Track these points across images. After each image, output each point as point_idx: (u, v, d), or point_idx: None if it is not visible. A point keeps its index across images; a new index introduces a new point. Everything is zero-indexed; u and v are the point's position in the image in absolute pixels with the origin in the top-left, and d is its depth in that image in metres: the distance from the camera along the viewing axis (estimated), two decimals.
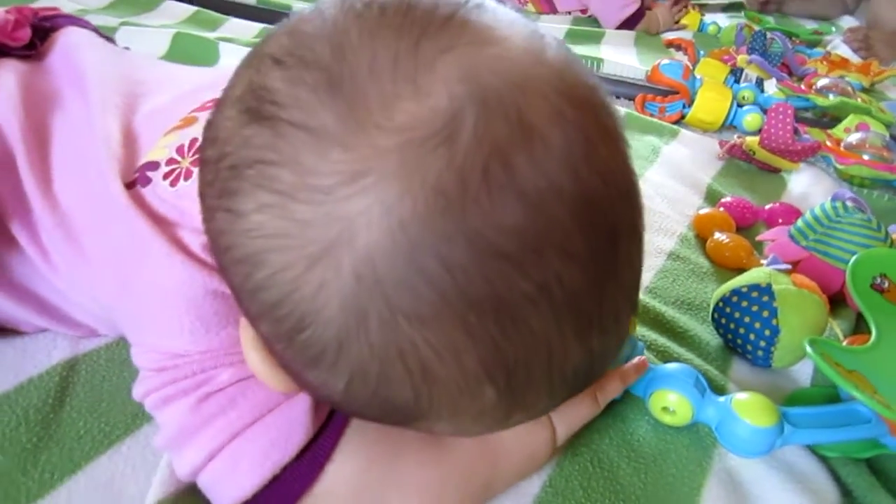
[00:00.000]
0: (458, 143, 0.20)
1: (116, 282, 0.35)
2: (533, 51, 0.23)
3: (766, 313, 0.46)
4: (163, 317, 0.32)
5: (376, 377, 0.23)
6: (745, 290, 0.47)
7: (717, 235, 0.63)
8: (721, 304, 0.49)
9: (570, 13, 1.50)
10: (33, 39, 0.45)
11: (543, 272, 0.22)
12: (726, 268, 0.60)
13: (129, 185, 0.35)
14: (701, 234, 0.65)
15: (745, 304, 0.47)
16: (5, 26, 0.44)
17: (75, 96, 0.41)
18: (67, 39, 0.46)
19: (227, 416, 0.31)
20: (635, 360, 0.41)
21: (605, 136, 0.24)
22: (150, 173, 0.35)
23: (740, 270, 0.56)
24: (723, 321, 0.49)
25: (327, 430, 0.32)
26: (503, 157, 0.21)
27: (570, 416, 0.37)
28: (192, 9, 1.08)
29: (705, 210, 0.68)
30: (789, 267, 0.49)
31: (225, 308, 0.31)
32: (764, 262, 0.56)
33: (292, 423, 0.30)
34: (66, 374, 0.40)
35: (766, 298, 0.46)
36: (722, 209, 0.68)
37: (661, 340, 0.49)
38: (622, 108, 0.92)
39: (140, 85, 0.43)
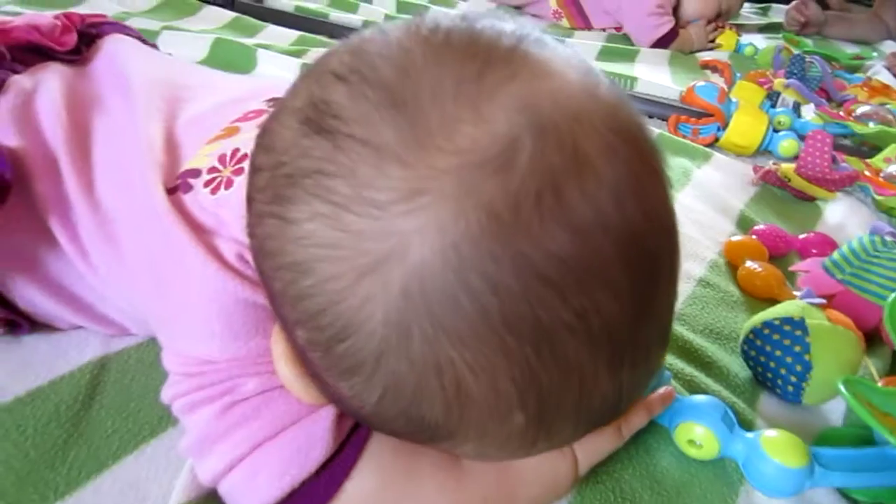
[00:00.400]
0: (515, 169, 0.21)
1: (151, 285, 0.36)
2: (588, 86, 0.24)
3: (798, 348, 0.45)
4: (194, 322, 0.32)
5: (411, 392, 0.23)
6: (777, 322, 0.46)
7: (749, 264, 0.62)
8: (752, 336, 0.48)
9: (604, 30, 1.49)
10: (79, 45, 0.46)
11: (584, 301, 0.22)
12: (757, 298, 0.59)
13: (170, 192, 0.35)
14: (732, 261, 0.64)
15: (776, 337, 0.46)
16: (53, 31, 0.45)
17: (118, 101, 0.42)
18: (112, 46, 0.48)
19: (250, 426, 0.31)
20: (661, 390, 0.40)
21: (652, 175, 0.25)
22: (191, 180, 0.35)
23: (771, 301, 0.56)
24: (753, 353, 0.48)
25: (347, 447, 0.32)
26: (556, 186, 0.21)
27: (592, 447, 0.36)
28: (231, 14, 1.10)
29: (737, 237, 0.67)
30: (823, 301, 0.48)
31: (255, 318, 0.31)
32: (797, 293, 0.55)
33: (313, 439, 0.31)
34: (97, 373, 0.41)
35: (798, 332, 0.45)
36: (754, 237, 0.67)
37: (689, 370, 0.48)
38: (655, 129, 0.91)
39: (182, 90, 0.43)
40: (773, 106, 1.01)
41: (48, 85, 0.41)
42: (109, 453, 0.37)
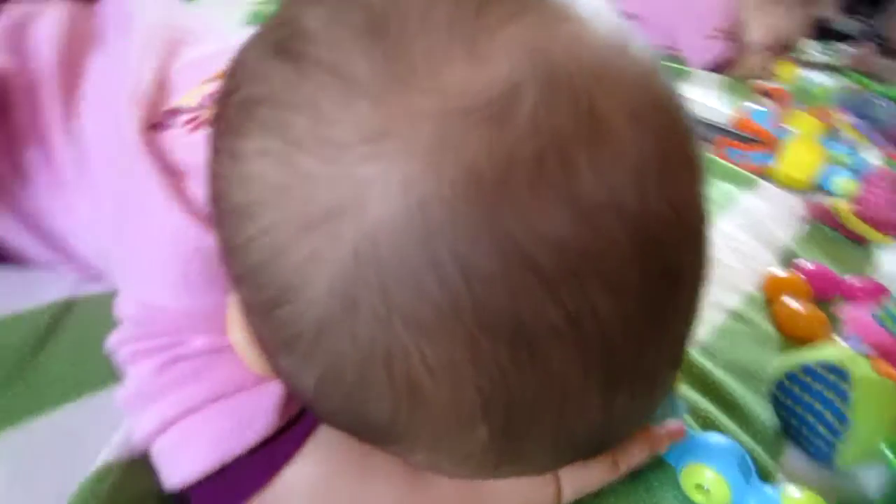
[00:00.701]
0: (511, 123, 0.17)
1: (114, 221, 0.33)
2: (617, 40, 0.20)
3: (837, 400, 0.39)
4: (150, 265, 0.29)
5: (354, 381, 0.19)
6: (817, 368, 0.41)
7: (791, 302, 0.56)
8: (785, 380, 0.42)
9: (656, 48, 1.44)
10: None
11: (579, 302, 0.18)
12: (796, 339, 0.54)
13: (150, 128, 0.33)
14: (771, 297, 0.59)
15: (814, 384, 0.41)
16: None
17: (118, 38, 0.40)
18: None
19: (187, 388, 0.27)
20: (671, 424, 0.35)
21: (685, 161, 0.20)
22: (172, 119, 0.33)
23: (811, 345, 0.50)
24: (784, 400, 0.42)
25: (294, 428, 0.28)
26: (562, 152, 0.17)
27: (580, 477, 0.31)
28: None
29: (780, 272, 0.61)
30: (871, 352, 0.43)
31: (215, 271, 0.28)
32: (842, 340, 0.50)
33: (256, 412, 0.27)
34: (58, 315, 0.38)
35: (840, 382, 0.40)
36: (800, 274, 0.61)
37: (707, 406, 0.43)
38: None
39: (186, 34, 0.42)
40: (833, 141, 0.95)
41: (51, 13, 0.40)
42: (51, 398, 0.33)
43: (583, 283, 0.18)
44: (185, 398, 0.27)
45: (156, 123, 0.33)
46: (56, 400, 0.33)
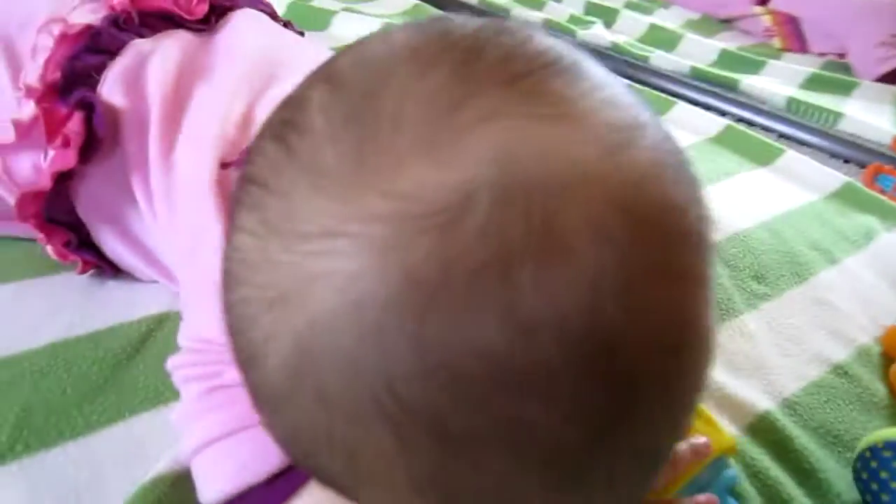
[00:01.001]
0: (459, 231, 0.17)
1: (190, 254, 0.37)
2: (610, 143, 0.18)
3: None
4: (203, 299, 0.33)
5: (306, 448, 0.21)
6: None
7: None
8: (868, 454, 0.38)
9: (823, 55, 1.30)
10: (209, 15, 0.48)
11: (509, 411, 0.17)
12: None
13: (225, 166, 0.36)
14: (890, 352, 0.52)
15: (893, 461, 0.36)
16: (189, 0, 0.48)
17: (223, 70, 0.44)
18: (239, 20, 0.49)
19: (222, 414, 0.30)
20: (703, 497, 0.33)
21: (671, 278, 0.18)
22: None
23: None
24: (864, 476, 0.38)
25: None
26: (505, 266, 0.17)
27: None
28: (412, 2, 1.13)
29: None
30: None
31: None
32: None
33: (273, 446, 0.29)
34: (152, 327, 0.43)
35: None
36: None
37: (776, 473, 0.40)
38: (843, 176, 0.77)
39: (281, 69, 0.44)
40: None
41: (165, 52, 0.43)
42: (132, 406, 0.38)
43: (512, 394, 0.17)
44: (220, 423, 0.30)
45: (231, 161, 0.36)
46: (136, 408, 0.38)
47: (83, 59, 0.40)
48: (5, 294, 0.44)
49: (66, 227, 0.43)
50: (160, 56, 0.43)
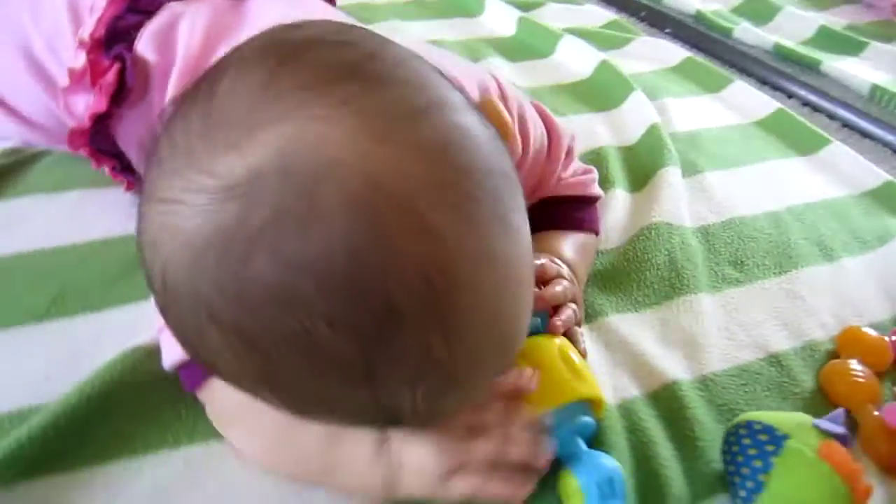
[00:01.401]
0: (252, 200, 0.24)
1: None
2: (386, 130, 0.25)
3: (758, 462, 0.38)
4: None
5: (185, 346, 0.30)
6: (757, 427, 0.39)
7: (851, 362, 0.50)
8: (732, 431, 0.41)
9: None
10: None
11: (293, 327, 0.25)
12: (831, 401, 0.49)
13: None
14: (841, 353, 0.53)
15: (747, 441, 0.39)
16: None
17: (244, 33, 0.51)
18: None
19: None
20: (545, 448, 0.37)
21: (413, 232, 0.24)
22: None
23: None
24: (724, 449, 0.41)
25: None
26: (280, 223, 0.24)
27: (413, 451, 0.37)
28: (611, 16, 1.10)
29: (868, 330, 0.54)
30: (843, 432, 0.39)
31: None
32: (877, 412, 0.45)
33: None
34: None
35: (769, 447, 0.38)
36: (890, 339, 0.53)
37: (657, 434, 0.44)
38: (885, 175, 0.74)
39: None
40: None
41: (195, 14, 0.51)
42: (143, 294, 0.49)
43: (296, 314, 0.24)
44: None
45: None
46: (144, 294, 0.49)
47: (126, 18, 0.49)
48: (70, 198, 0.57)
49: (111, 155, 0.53)
50: (190, 18, 0.50)
